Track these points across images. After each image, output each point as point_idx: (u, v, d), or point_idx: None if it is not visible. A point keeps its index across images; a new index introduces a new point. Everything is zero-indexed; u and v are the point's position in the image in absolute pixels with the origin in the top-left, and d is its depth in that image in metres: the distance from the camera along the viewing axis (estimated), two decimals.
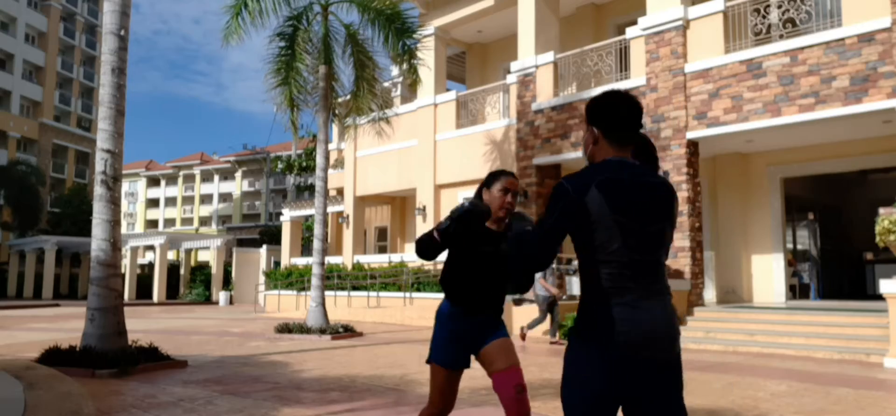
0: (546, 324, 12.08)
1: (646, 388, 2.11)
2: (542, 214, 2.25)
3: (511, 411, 3.17)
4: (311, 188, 33.32)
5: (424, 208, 17.97)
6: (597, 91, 13.71)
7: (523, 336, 11.69)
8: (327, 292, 16.84)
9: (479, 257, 3.23)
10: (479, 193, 3.34)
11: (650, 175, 2.24)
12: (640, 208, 2.15)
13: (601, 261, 2.13)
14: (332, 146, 23.03)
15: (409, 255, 18.95)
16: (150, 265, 39.15)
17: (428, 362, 3.30)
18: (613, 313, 2.09)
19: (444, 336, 3.27)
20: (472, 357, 3.34)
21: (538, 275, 11.12)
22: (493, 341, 3.28)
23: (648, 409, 2.13)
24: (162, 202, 75.01)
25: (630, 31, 13.24)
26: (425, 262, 17.14)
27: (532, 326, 11.66)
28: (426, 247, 3.20)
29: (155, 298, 32.66)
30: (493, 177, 3.31)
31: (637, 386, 2.11)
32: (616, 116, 2.24)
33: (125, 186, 69.79)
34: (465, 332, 3.27)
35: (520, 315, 13.74)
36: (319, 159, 14.20)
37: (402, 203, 21.52)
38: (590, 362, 2.11)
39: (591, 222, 2.11)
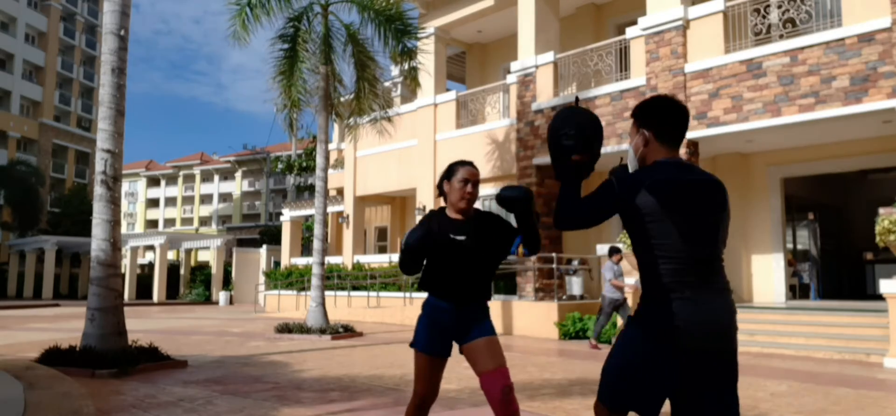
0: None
1: (701, 380, 2.17)
2: (592, 196, 2.35)
3: (499, 412, 3.18)
4: (311, 188, 33.32)
5: (424, 208, 17.97)
6: (598, 91, 13.73)
7: (595, 346, 10.83)
8: (327, 292, 16.86)
9: (451, 248, 3.26)
10: (440, 186, 3.41)
11: (700, 172, 2.33)
12: (694, 204, 2.24)
13: (660, 257, 2.22)
14: (332, 146, 23.03)
15: None
16: (150, 265, 39.16)
17: (411, 346, 3.37)
18: (673, 308, 2.16)
19: (425, 323, 3.32)
20: (456, 347, 3.36)
21: (608, 275, 10.86)
22: (480, 338, 3.27)
23: (702, 400, 2.18)
24: (162, 202, 75.01)
25: (630, 31, 13.24)
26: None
27: (598, 334, 10.98)
28: (407, 265, 3.31)
29: (155, 298, 32.67)
30: (452, 169, 3.37)
31: (693, 379, 2.17)
32: (668, 119, 2.37)
33: (125, 186, 69.78)
34: (448, 320, 3.29)
35: (519, 314, 13.74)
36: (319, 159, 14.21)
37: (402, 203, 21.52)
38: (645, 352, 2.20)
39: (646, 222, 2.21)
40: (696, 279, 2.19)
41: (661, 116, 2.38)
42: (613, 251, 11.20)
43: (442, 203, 3.49)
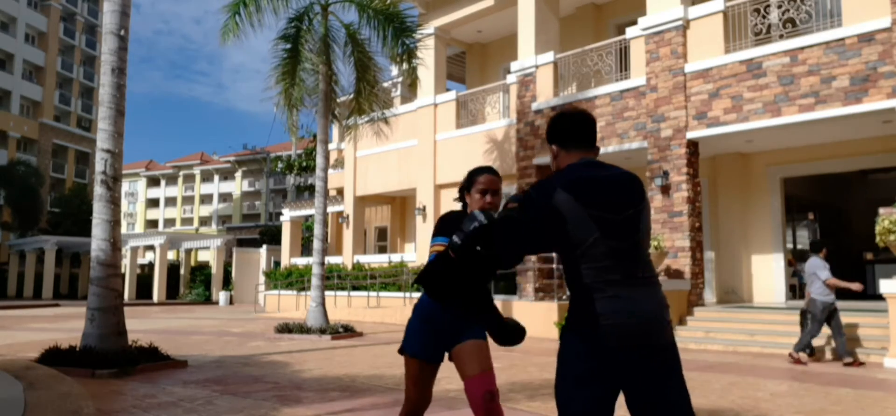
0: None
1: (640, 376, 2.15)
2: (520, 216, 2.31)
3: (478, 414, 3.08)
4: (311, 188, 33.30)
5: (424, 207, 17.97)
6: (598, 91, 13.73)
7: (798, 361, 8.96)
8: (327, 292, 16.85)
9: (471, 254, 3.17)
10: (462, 197, 3.28)
11: (613, 168, 2.34)
12: (609, 198, 2.23)
13: (581, 256, 2.19)
14: (332, 146, 23.03)
15: (408, 255, 18.95)
16: (150, 265, 39.16)
17: (401, 352, 3.24)
18: (598, 307, 2.14)
19: (417, 327, 3.21)
20: (446, 354, 3.26)
21: (823, 274, 9.03)
22: (468, 341, 3.18)
23: (647, 397, 2.16)
24: (162, 202, 75.00)
25: (630, 31, 13.24)
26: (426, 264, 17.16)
27: (804, 346, 9.05)
28: (441, 269, 3.05)
29: (155, 298, 32.67)
30: (471, 178, 3.22)
31: (631, 375, 2.14)
32: (564, 126, 2.43)
33: (125, 186, 69.77)
34: (441, 325, 3.18)
35: (520, 314, 13.73)
36: (319, 159, 14.21)
37: (402, 203, 21.52)
38: (580, 356, 2.18)
39: (565, 221, 2.18)
40: (618, 275, 2.16)
41: (558, 126, 2.44)
42: (818, 246, 9.55)
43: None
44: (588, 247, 2.17)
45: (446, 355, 3.26)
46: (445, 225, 3.14)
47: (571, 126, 2.44)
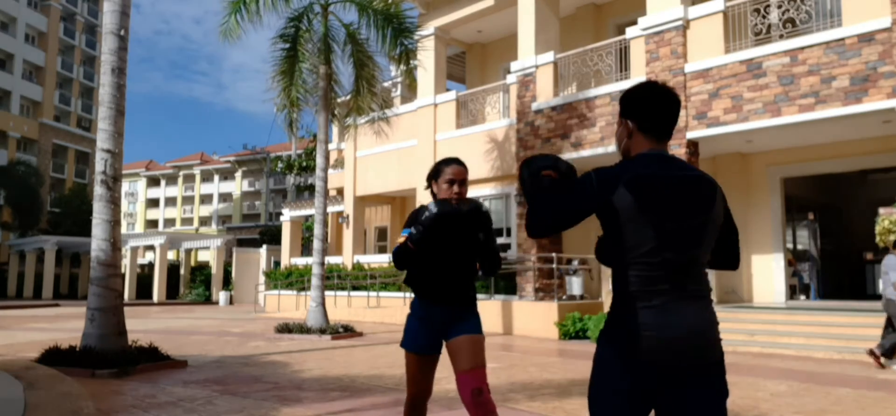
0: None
1: (679, 396, 1.98)
2: (565, 193, 2.16)
3: (472, 413, 3.14)
4: (311, 188, 33.31)
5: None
6: (598, 91, 13.72)
7: (878, 361, 8.61)
8: (327, 292, 16.85)
9: (445, 246, 3.24)
10: (429, 186, 3.37)
11: (687, 168, 2.11)
12: (675, 204, 2.02)
13: (631, 262, 2.01)
14: (332, 146, 23.03)
15: None
16: (150, 265, 39.16)
17: (402, 346, 3.36)
18: (640, 318, 1.97)
19: (414, 323, 3.32)
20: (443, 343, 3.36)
21: (893, 275, 8.48)
22: (462, 335, 3.24)
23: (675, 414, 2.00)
24: (162, 202, 75.00)
25: (630, 31, 13.24)
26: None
27: (888, 348, 8.59)
28: (402, 258, 3.25)
29: (155, 298, 32.67)
30: (438, 168, 3.31)
31: (669, 394, 1.98)
32: (652, 110, 2.13)
33: (125, 186, 69.79)
34: (434, 318, 3.28)
35: (519, 314, 13.74)
36: (319, 159, 14.21)
37: (402, 203, 21.52)
38: (616, 367, 2.02)
39: (620, 221, 2.01)
40: (668, 287, 1.98)
41: (644, 103, 2.13)
42: None
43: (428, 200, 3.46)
44: (641, 254, 2.00)
45: (444, 345, 3.36)
46: (412, 218, 3.29)
47: (659, 106, 2.13)
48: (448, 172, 3.25)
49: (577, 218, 2.11)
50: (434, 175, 3.32)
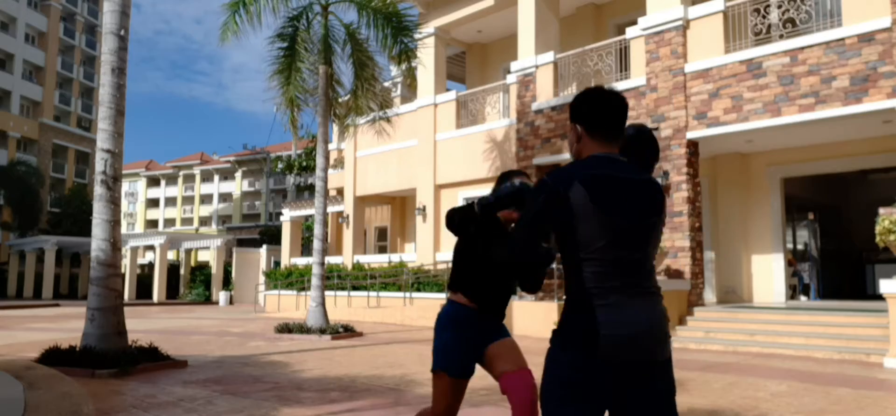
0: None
1: (632, 393, 2.03)
2: (526, 209, 2.19)
3: (524, 412, 3.00)
4: (311, 188, 33.33)
5: (424, 207, 17.97)
6: None
7: None
8: (327, 292, 16.85)
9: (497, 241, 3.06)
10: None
11: (636, 171, 2.18)
12: (627, 204, 2.08)
13: (584, 259, 2.05)
14: (332, 146, 23.03)
15: (408, 255, 18.95)
16: (150, 265, 39.17)
17: (434, 371, 3.08)
18: (597, 315, 2.00)
19: (450, 343, 3.07)
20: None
21: None
22: (502, 340, 3.14)
23: (632, 412, 2.04)
24: (162, 202, 75.00)
25: (630, 31, 13.24)
26: (427, 260, 17.18)
27: None
28: (459, 218, 3.04)
29: (155, 298, 32.66)
30: (503, 180, 3.14)
31: (623, 392, 2.02)
32: (598, 113, 2.20)
33: (125, 186, 69.78)
34: (475, 335, 3.10)
35: (519, 314, 13.74)
36: (319, 159, 14.20)
37: (402, 203, 21.52)
38: (571, 366, 2.02)
39: (574, 218, 2.05)
40: (621, 284, 2.03)
41: (590, 107, 2.20)
42: None
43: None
44: (594, 251, 2.04)
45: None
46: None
47: (605, 110, 2.20)
48: (516, 184, 3.00)
49: (546, 222, 2.12)
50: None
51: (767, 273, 13.96)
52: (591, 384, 2.00)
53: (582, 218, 2.04)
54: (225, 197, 70.75)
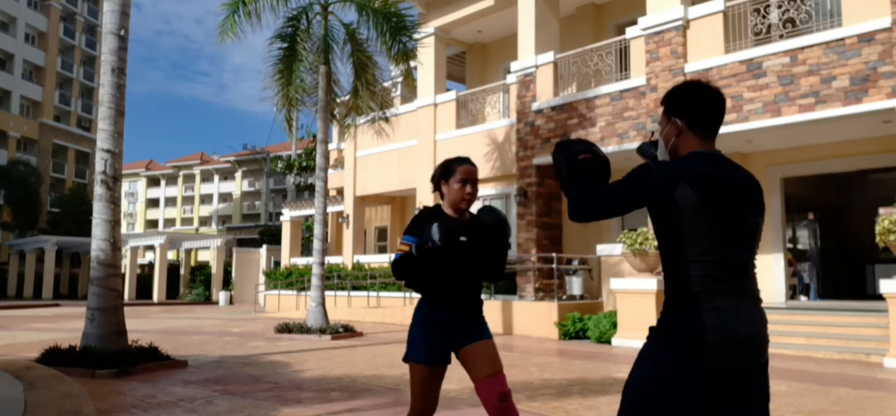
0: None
1: (739, 398, 2.01)
2: (619, 182, 2.12)
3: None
4: (311, 188, 33.31)
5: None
6: (598, 91, 13.71)
7: None
8: (327, 292, 16.85)
9: (456, 250, 3.10)
10: (437, 186, 3.25)
11: (739, 168, 2.13)
12: (734, 204, 2.04)
13: (691, 260, 2.00)
14: (332, 146, 23.02)
15: None
16: (150, 265, 39.17)
17: (405, 360, 3.15)
18: (706, 319, 1.95)
19: (420, 332, 3.13)
20: (453, 355, 3.19)
21: None
22: (477, 342, 3.13)
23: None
24: (162, 202, 75.01)
25: (630, 31, 13.24)
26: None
27: None
28: (403, 269, 3.10)
29: (155, 298, 32.67)
30: (449, 167, 3.20)
31: (731, 397, 2.00)
32: (704, 109, 2.14)
33: (125, 186, 69.78)
34: (441, 325, 3.11)
35: (519, 314, 13.74)
36: (319, 159, 14.20)
37: (402, 203, 21.52)
38: (684, 375, 1.96)
39: (682, 219, 2.00)
40: (728, 287, 1.99)
41: (695, 102, 2.15)
42: None
43: (428, 201, 3.36)
44: (701, 252, 1.99)
45: (452, 356, 3.20)
46: (415, 225, 3.14)
47: (709, 105, 2.14)
48: (460, 171, 3.16)
49: (631, 207, 2.11)
50: (444, 174, 3.21)
51: (767, 273, 13.95)
52: (690, 386, 1.95)
53: (689, 218, 2.00)
54: (225, 197, 70.75)
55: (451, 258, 3.11)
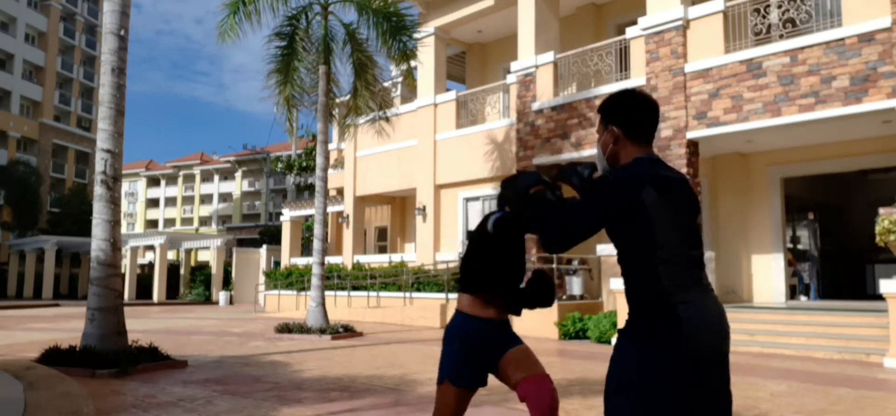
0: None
1: (713, 386, 2.09)
2: (587, 198, 2.16)
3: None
4: (311, 188, 33.31)
5: (424, 207, 17.97)
6: (598, 91, 13.71)
7: None
8: (327, 292, 16.85)
9: (515, 252, 3.00)
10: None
11: (675, 171, 2.22)
12: (683, 203, 2.13)
13: (660, 260, 2.06)
14: (332, 146, 23.02)
15: (408, 255, 18.95)
16: (150, 265, 39.16)
17: (440, 383, 2.95)
18: (680, 313, 2.01)
19: (458, 355, 2.92)
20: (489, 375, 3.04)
21: None
22: (516, 347, 3.02)
23: (708, 408, 2.09)
24: (162, 202, 75.00)
25: (630, 31, 13.24)
26: (427, 260, 17.16)
27: None
28: (490, 277, 2.92)
29: (155, 298, 32.66)
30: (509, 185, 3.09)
31: (706, 386, 2.07)
32: (639, 116, 2.20)
33: (125, 186, 69.77)
34: (480, 347, 2.95)
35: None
36: (319, 159, 14.20)
37: (402, 203, 21.52)
38: (662, 371, 2.00)
39: (650, 220, 2.05)
40: (692, 281, 2.07)
41: (630, 110, 2.20)
42: None
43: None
44: (670, 251, 2.05)
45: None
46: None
47: (645, 113, 2.21)
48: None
49: (603, 222, 2.12)
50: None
51: (767, 273, 13.96)
52: (670, 381, 2.00)
53: (657, 220, 2.06)
54: (225, 197, 70.74)
55: (511, 260, 2.98)
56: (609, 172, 2.16)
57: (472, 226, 3.31)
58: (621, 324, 2.24)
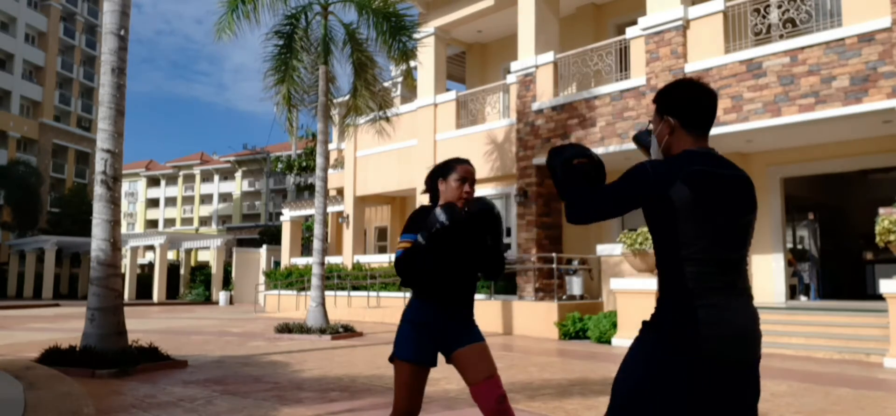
0: None
1: (730, 394, 2.02)
2: (615, 183, 2.14)
3: None
4: (311, 188, 33.32)
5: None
6: (598, 91, 13.71)
7: None
8: (327, 292, 16.85)
9: (452, 249, 3.07)
10: (433, 187, 3.22)
11: (732, 166, 2.14)
12: (729, 201, 2.06)
13: (686, 258, 2.02)
14: (332, 146, 23.03)
15: None
16: (150, 265, 39.16)
17: (391, 359, 3.09)
18: (700, 315, 1.97)
19: (408, 331, 3.07)
20: (442, 357, 3.14)
21: None
22: (469, 345, 3.08)
23: (726, 412, 2.03)
24: (162, 202, 74.99)
25: (630, 31, 13.24)
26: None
27: None
28: (407, 266, 3.04)
29: (155, 298, 32.67)
30: (448, 165, 3.19)
31: (723, 394, 2.01)
32: (695, 104, 2.16)
33: (125, 186, 69.77)
34: (433, 326, 3.06)
35: (519, 314, 13.74)
36: (319, 159, 14.20)
37: (402, 203, 21.52)
38: (678, 371, 1.97)
39: (677, 217, 2.02)
40: (722, 284, 2.01)
41: (687, 101, 2.15)
42: None
43: (426, 201, 3.32)
44: (696, 250, 2.01)
45: (441, 357, 3.15)
46: (414, 222, 3.11)
47: (700, 103, 2.15)
48: (459, 169, 3.15)
49: (627, 207, 2.13)
50: (442, 173, 3.18)
51: (767, 273, 13.95)
52: (684, 382, 1.97)
53: (684, 217, 2.02)
54: (225, 197, 70.74)
55: (458, 241, 3.06)
56: (648, 162, 2.13)
57: None
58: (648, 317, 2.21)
